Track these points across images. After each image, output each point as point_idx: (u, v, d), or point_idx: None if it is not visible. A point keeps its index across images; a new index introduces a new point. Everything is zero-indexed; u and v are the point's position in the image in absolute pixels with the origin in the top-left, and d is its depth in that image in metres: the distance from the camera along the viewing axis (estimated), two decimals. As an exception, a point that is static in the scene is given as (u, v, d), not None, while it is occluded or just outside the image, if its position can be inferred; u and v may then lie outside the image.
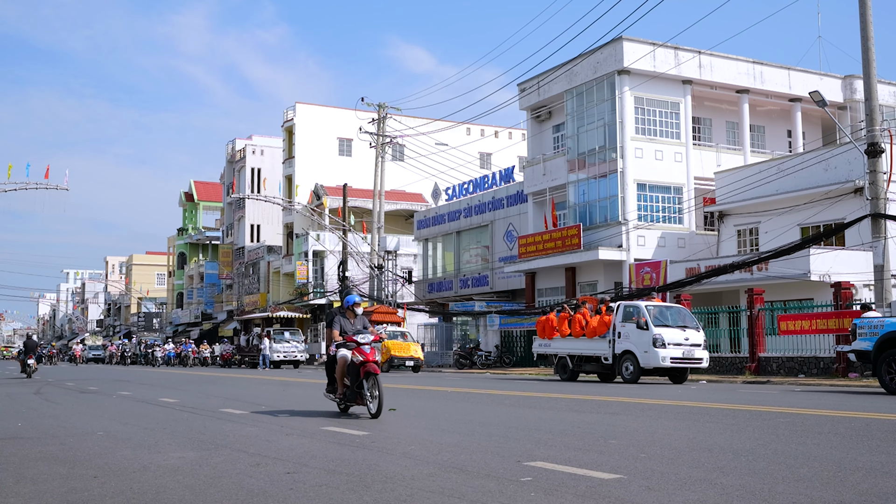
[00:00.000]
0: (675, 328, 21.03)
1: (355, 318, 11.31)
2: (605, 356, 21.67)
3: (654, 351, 20.39)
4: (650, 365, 20.55)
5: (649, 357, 20.46)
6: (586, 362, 22.67)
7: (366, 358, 10.61)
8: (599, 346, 21.89)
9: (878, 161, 21.62)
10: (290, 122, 60.67)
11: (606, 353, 21.63)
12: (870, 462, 6.48)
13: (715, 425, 9.49)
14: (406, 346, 33.56)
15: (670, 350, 20.46)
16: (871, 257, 23.03)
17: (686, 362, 20.86)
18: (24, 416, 12.42)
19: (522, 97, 38.76)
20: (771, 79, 35.87)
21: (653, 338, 20.41)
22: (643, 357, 20.56)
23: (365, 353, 10.65)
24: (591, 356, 22.30)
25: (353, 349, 10.77)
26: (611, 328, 21.63)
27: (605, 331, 21.76)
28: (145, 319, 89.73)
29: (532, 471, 6.27)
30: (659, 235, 33.16)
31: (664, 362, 20.37)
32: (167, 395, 16.90)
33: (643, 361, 20.56)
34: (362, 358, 10.62)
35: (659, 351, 20.34)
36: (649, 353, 20.46)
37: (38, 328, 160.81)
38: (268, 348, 43.89)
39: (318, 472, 6.44)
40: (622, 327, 21.31)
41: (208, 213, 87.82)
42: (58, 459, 7.40)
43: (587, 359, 22.57)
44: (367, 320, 11.48)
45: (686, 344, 20.79)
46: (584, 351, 22.50)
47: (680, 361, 20.66)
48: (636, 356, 20.71)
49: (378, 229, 45.18)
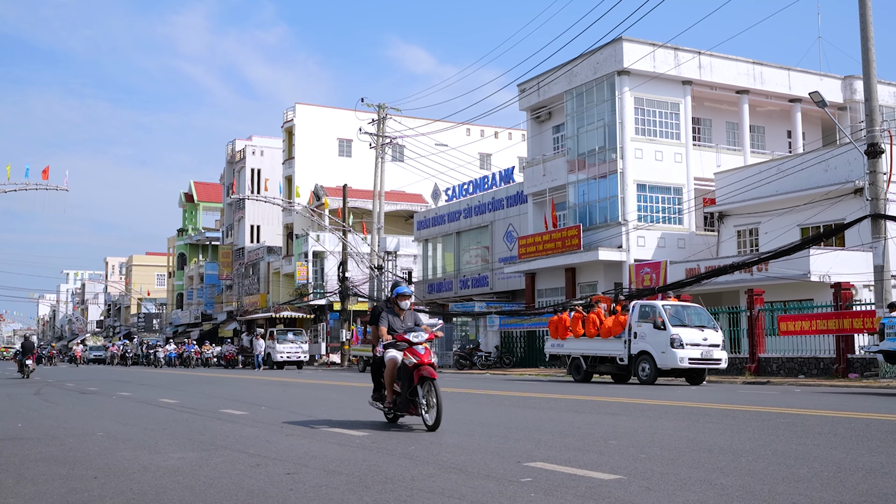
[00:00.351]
0: (694, 328, 20.56)
1: (404, 313, 9.93)
2: (621, 357, 21.23)
3: (671, 351, 19.94)
4: (668, 366, 20.10)
5: (667, 358, 20.01)
6: (600, 363, 22.25)
7: (420, 360, 9.23)
8: (614, 346, 21.43)
9: (877, 161, 21.63)
10: (290, 123, 60.68)
11: (622, 353, 21.19)
12: (870, 462, 6.48)
13: (715, 426, 9.49)
14: None
15: (688, 350, 20.00)
16: (871, 258, 23.04)
17: (705, 363, 20.42)
18: (24, 416, 12.43)
19: (522, 98, 38.77)
20: (771, 79, 35.88)
21: (671, 338, 19.96)
22: (660, 358, 20.10)
23: (419, 355, 9.29)
24: (606, 357, 21.88)
25: (404, 350, 9.42)
26: (626, 328, 21.17)
27: (621, 331, 21.29)
28: (145, 320, 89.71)
29: (532, 471, 6.27)
30: (659, 236, 33.17)
31: (682, 363, 19.91)
32: (167, 396, 16.89)
33: (660, 362, 20.11)
34: (416, 360, 9.25)
35: (677, 351, 19.89)
36: (667, 353, 20.01)
37: (38, 329, 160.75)
38: (261, 348, 43.79)
39: (317, 472, 6.44)
40: (638, 327, 20.85)
41: (208, 213, 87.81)
42: (58, 460, 7.41)
43: (601, 359, 22.15)
44: (418, 316, 10.18)
45: (704, 344, 20.35)
46: (599, 351, 22.06)
47: (698, 362, 20.20)
48: (653, 357, 20.24)
49: (378, 230, 45.18)
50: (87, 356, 71.82)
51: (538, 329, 34.65)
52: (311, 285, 54.48)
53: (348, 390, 19.17)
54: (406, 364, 9.32)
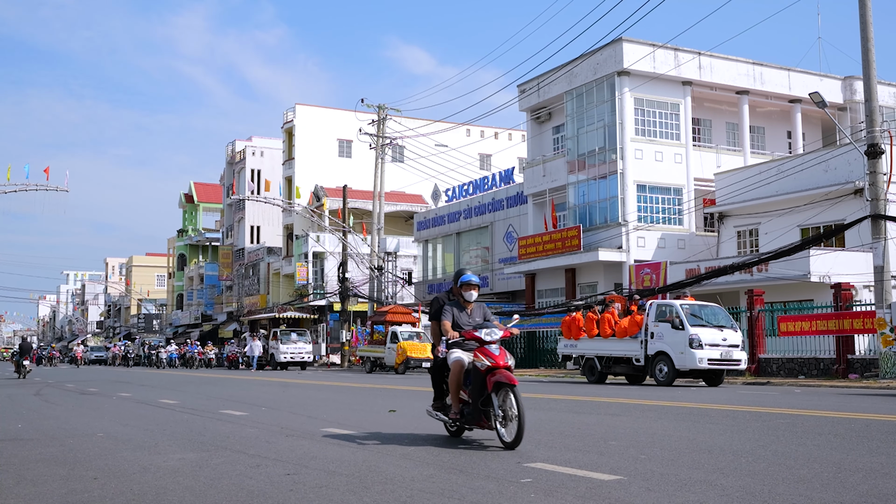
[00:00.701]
0: (713, 328, 20.03)
1: (471, 306, 8.47)
2: (637, 357, 20.70)
3: (690, 352, 19.39)
4: (686, 367, 19.56)
5: (685, 358, 19.46)
6: (616, 364, 21.68)
7: (495, 362, 7.66)
8: (630, 346, 20.89)
9: (878, 162, 21.62)
10: (290, 124, 60.68)
11: (638, 354, 20.66)
12: (870, 463, 6.48)
13: (715, 426, 9.48)
14: (423, 346, 32.69)
15: (707, 351, 19.44)
16: (871, 258, 23.03)
17: (724, 364, 19.87)
18: (24, 417, 12.42)
19: (522, 98, 38.78)
20: (771, 80, 35.89)
21: (689, 338, 19.46)
22: (679, 358, 19.56)
23: (493, 356, 7.71)
24: (621, 357, 21.30)
25: (473, 350, 7.92)
26: (643, 328, 20.64)
27: (637, 331, 20.75)
28: (145, 321, 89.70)
29: (532, 472, 6.27)
30: (659, 236, 33.17)
31: (701, 364, 19.36)
32: (168, 397, 16.89)
33: (679, 363, 19.57)
34: (490, 362, 7.66)
35: (696, 352, 19.34)
36: (685, 354, 19.45)
37: (39, 330, 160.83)
38: (258, 350, 43.52)
39: (317, 473, 6.44)
40: (655, 327, 20.33)
41: (208, 214, 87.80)
42: (58, 461, 7.40)
43: (617, 360, 21.57)
44: (487, 310, 8.63)
45: (724, 345, 19.75)
46: (614, 352, 21.46)
47: (718, 363, 19.67)
48: (671, 357, 19.71)
49: (378, 230, 45.18)
50: (88, 357, 71.44)
51: (538, 330, 34.65)
52: (311, 286, 54.48)
53: (349, 391, 19.17)
54: (477, 367, 7.73)
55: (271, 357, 43.38)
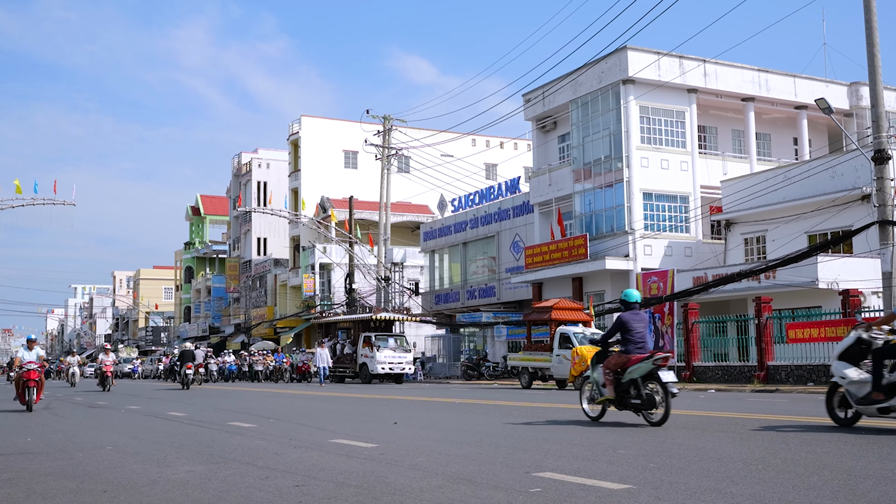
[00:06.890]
0: None
1: None
2: None
3: None
4: None
5: None
6: None
7: None
8: None
9: (885, 168, 21.56)
10: (296, 135, 60.88)
11: None
12: (880, 470, 6.46)
13: (724, 434, 9.46)
14: None
15: None
16: (878, 264, 22.94)
17: None
18: (34, 431, 12.45)
19: (527, 108, 38.84)
20: (776, 86, 35.87)
21: None
22: None
23: None
24: None
25: None
26: None
27: None
28: (153, 333, 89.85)
29: (541, 481, 6.26)
30: (665, 244, 33.14)
31: None
32: (176, 409, 16.90)
33: None
34: None
35: None
36: None
37: (47, 343, 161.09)
38: (321, 358, 35.31)
39: (326, 484, 6.44)
40: None
41: (215, 226, 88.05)
42: (67, 474, 7.42)
43: None
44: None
45: None
46: None
47: None
48: None
49: (384, 241, 45.23)
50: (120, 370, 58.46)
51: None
52: (318, 297, 54.53)
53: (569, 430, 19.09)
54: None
55: (362, 367, 35.90)
